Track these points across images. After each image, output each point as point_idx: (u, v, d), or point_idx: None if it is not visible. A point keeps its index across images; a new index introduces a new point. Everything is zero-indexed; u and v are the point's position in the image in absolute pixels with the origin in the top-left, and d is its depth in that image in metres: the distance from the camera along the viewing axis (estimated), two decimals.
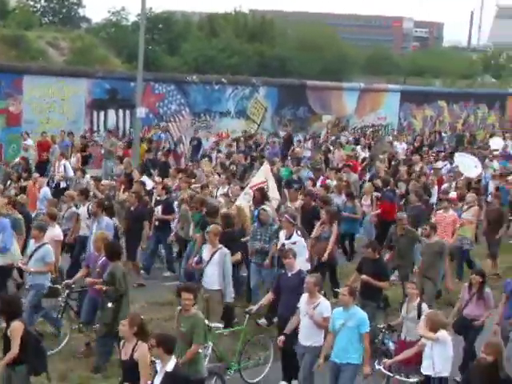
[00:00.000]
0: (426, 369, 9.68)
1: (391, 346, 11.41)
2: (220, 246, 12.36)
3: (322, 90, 38.16)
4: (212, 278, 12.13)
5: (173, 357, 8.18)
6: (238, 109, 34.22)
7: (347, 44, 63.97)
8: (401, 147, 30.81)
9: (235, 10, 55.06)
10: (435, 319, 9.66)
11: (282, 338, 10.72)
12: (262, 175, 17.01)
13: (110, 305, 10.94)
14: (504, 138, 33.78)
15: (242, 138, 29.57)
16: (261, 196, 15.81)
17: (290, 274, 11.42)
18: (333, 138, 32.71)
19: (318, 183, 20.25)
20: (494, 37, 78.68)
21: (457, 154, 25.70)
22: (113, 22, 52.48)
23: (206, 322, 10.14)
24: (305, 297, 10.52)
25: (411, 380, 10.14)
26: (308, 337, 10.38)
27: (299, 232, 14.14)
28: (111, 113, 29.91)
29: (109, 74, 31.65)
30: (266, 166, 17.70)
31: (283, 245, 13.54)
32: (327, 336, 10.19)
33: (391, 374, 10.28)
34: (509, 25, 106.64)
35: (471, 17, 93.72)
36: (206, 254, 12.46)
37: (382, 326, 11.51)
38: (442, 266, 14.21)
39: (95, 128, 29.44)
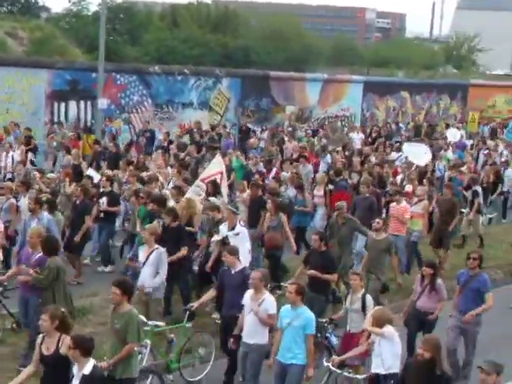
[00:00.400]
0: (376, 367, 9.58)
1: (334, 340, 11.28)
2: (156, 246, 12.09)
3: (286, 81, 38.04)
4: (147, 279, 11.90)
5: (91, 359, 7.92)
6: (201, 100, 33.95)
7: (311, 34, 64.03)
8: (358, 137, 30.84)
9: (197, 0, 54.71)
10: (380, 316, 9.62)
11: (232, 339, 10.45)
12: (216, 167, 16.75)
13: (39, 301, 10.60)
14: (458, 128, 34.20)
15: (195, 130, 29.28)
16: (213, 188, 15.87)
17: (233, 272, 11.15)
18: (289, 129, 32.66)
19: (272, 174, 20.11)
20: (456, 27, 79.06)
21: (405, 145, 25.53)
22: (73, 11, 51.81)
23: (144, 319, 9.97)
24: (250, 293, 10.23)
25: (359, 377, 10.09)
26: (252, 335, 10.09)
27: (242, 222, 14.06)
28: (72, 104, 29.42)
29: (69, 64, 31.13)
30: (218, 158, 17.44)
31: (226, 237, 13.34)
32: (275, 333, 9.98)
33: (339, 371, 10.11)
34: (470, 15, 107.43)
35: (433, 7, 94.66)
36: (142, 255, 12.19)
37: (324, 320, 11.29)
38: (387, 261, 14.03)
39: (56, 119, 29.00)
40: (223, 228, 13.61)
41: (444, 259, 17.33)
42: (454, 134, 31.67)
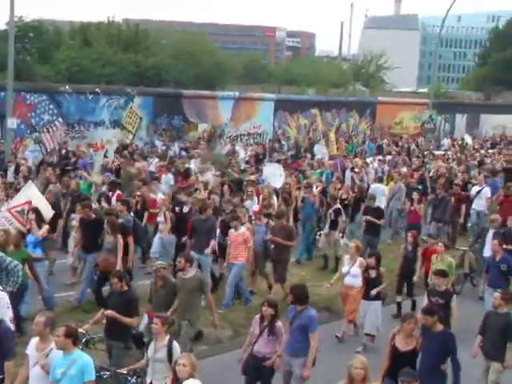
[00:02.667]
0: None
1: None
2: None
3: (198, 99, 38.33)
4: None
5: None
6: (113, 118, 33.93)
7: (223, 53, 64.46)
8: (244, 154, 30.80)
9: (108, 19, 54.42)
10: (181, 370, 8.27)
11: None
12: (24, 196, 15.29)
13: None
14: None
15: (56, 148, 28.68)
16: (37, 218, 14.86)
17: None
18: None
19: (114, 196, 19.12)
20: (364, 46, 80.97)
21: (266, 164, 25.10)
22: None
23: None
24: (34, 342, 8.82)
25: None
26: None
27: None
28: None
29: None
30: (29, 186, 16.06)
31: None
32: None
33: None
34: (377, 35, 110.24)
35: (341, 27, 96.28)
36: None
37: (124, 371, 9.86)
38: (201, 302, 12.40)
39: None
40: None
41: (276, 291, 15.81)
42: (320, 151, 31.45)
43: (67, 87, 32.96)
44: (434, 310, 10.77)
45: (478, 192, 23.45)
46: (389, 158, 31.96)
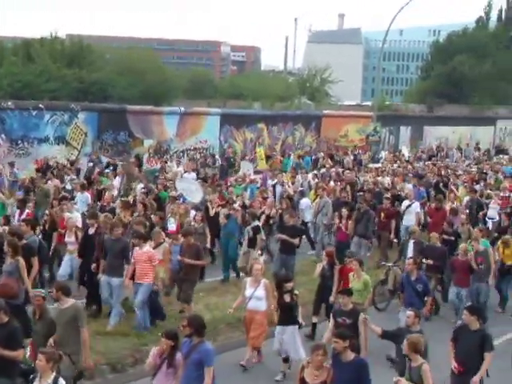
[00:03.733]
0: None
1: None
2: None
3: (143, 115, 38.20)
4: None
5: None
6: (58, 135, 33.60)
7: (168, 68, 64.35)
8: (178, 170, 30.22)
9: (51, 34, 53.94)
10: None
11: None
12: None
13: None
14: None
15: None
16: None
17: None
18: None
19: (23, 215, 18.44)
20: (308, 60, 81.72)
21: (177, 181, 24.06)
22: None
23: None
24: None
25: None
26: None
27: None
28: None
29: None
30: None
31: None
32: None
33: None
34: (321, 49, 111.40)
35: (286, 41, 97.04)
36: None
37: None
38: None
39: None
40: None
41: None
42: (247, 166, 31.15)
43: (9, 103, 32.57)
44: (347, 334, 10.25)
45: (408, 207, 23.23)
46: (322, 171, 31.92)
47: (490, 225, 24.36)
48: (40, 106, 33.55)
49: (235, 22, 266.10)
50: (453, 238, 19.96)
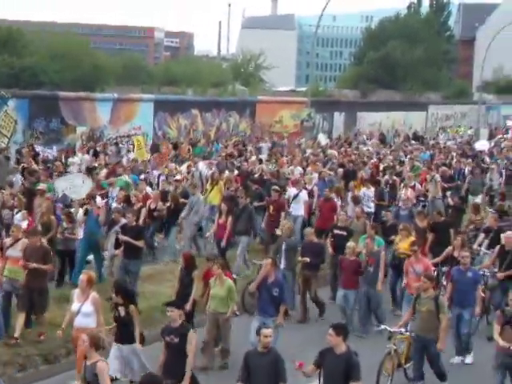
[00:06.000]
0: None
1: None
2: None
3: (75, 101, 37.56)
4: None
5: None
6: None
7: (100, 54, 63.54)
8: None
9: None
10: None
11: None
12: None
13: None
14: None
15: None
16: None
17: None
18: None
19: None
20: (242, 46, 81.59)
21: (57, 180, 21.33)
22: None
23: None
24: None
25: None
26: None
27: None
28: None
29: None
30: None
31: None
32: None
33: None
34: (255, 34, 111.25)
35: (219, 27, 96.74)
36: None
37: None
38: None
39: None
40: None
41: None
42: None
43: None
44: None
45: (295, 197, 21.43)
46: (218, 160, 29.00)
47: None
48: None
49: (168, 8, 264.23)
50: (344, 233, 17.41)
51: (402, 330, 12.69)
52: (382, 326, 13.18)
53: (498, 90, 78.19)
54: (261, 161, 28.80)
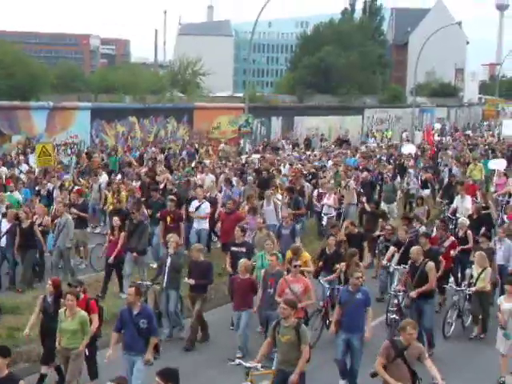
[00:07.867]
0: None
1: None
2: None
3: (10, 110, 37.16)
4: None
5: None
6: None
7: (36, 63, 62.65)
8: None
9: None
10: None
11: None
12: None
13: None
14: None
15: None
16: None
17: None
18: None
19: None
20: (179, 53, 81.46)
21: None
22: None
23: None
24: None
25: None
26: None
27: None
28: None
29: None
30: None
31: None
32: None
33: None
34: (191, 41, 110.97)
35: (156, 34, 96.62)
36: None
37: None
38: None
39: None
40: None
41: None
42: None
43: None
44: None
45: (198, 208, 20.25)
46: (127, 170, 29.13)
47: (324, 221, 23.00)
48: None
49: (104, 15, 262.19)
50: (243, 250, 15.76)
51: (258, 365, 10.72)
52: (237, 361, 11.16)
53: (430, 93, 79.81)
54: (171, 170, 28.10)
